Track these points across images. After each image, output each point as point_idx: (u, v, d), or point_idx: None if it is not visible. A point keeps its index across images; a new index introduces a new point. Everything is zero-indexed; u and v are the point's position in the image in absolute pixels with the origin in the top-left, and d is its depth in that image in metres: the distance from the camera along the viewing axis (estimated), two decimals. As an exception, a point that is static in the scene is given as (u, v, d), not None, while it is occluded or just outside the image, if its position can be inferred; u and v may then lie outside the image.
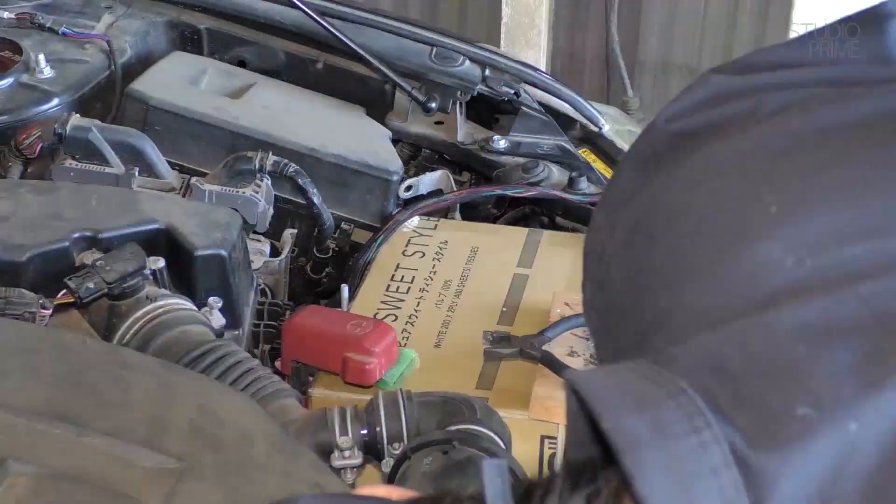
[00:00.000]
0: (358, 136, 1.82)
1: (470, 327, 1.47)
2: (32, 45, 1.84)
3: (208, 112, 1.78)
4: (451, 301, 1.53)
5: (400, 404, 1.19)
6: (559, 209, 1.75)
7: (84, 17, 1.97)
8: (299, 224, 1.73)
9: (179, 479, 0.93)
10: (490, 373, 1.39)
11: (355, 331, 1.35)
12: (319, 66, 1.97)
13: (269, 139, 1.74)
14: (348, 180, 1.75)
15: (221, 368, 1.20)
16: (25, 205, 1.38)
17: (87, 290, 1.26)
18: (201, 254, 1.38)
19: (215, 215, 1.44)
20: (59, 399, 0.97)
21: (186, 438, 0.98)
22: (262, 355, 1.46)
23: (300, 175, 1.63)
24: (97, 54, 1.87)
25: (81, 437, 0.94)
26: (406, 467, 1.12)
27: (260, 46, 1.99)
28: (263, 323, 1.50)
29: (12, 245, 1.30)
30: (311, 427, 1.18)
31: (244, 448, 1.00)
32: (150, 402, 1.01)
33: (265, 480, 0.98)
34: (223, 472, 0.96)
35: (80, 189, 1.45)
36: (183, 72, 1.90)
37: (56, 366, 1.01)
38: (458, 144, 1.87)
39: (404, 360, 1.39)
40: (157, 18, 2.01)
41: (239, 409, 1.06)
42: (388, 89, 1.93)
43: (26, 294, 1.25)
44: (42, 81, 1.77)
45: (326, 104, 1.92)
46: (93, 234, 1.34)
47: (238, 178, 1.60)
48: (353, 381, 1.34)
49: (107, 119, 1.76)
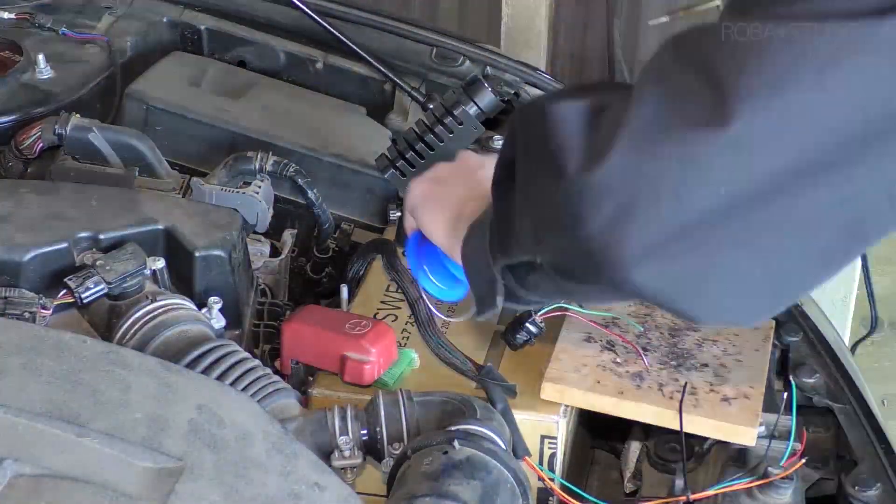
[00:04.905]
0: (358, 136, 1.82)
1: (470, 327, 1.48)
2: (32, 45, 1.84)
3: (208, 112, 1.78)
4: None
5: (400, 404, 1.19)
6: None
7: (84, 17, 1.97)
8: (299, 224, 1.73)
9: (179, 479, 0.93)
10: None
11: (354, 330, 1.35)
12: (319, 66, 1.97)
13: (269, 139, 1.75)
14: (348, 180, 1.75)
15: (221, 368, 1.20)
16: (25, 205, 1.38)
17: (87, 290, 1.26)
18: (201, 254, 1.38)
19: (215, 215, 1.44)
20: (59, 399, 0.97)
21: (186, 438, 0.98)
22: (262, 355, 1.46)
23: (300, 175, 1.63)
24: (97, 54, 1.87)
25: (81, 437, 0.94)
26: (406, 467, 1.12)
27: (260, 46, 1.99)
28: (263, 323, 1.50)
29: (12, 245, 1.30)
30: (310, 427, 1.18)
31: (244, 448, 1.00)
32: (150, 402, 1.01)
33: (265, 480, 0.98)
34: (223, 472, 0.96)
35: (80, 189, 1.45)
36: (183, 72, 1.90)
37: (55, 366, 1.01)
38: (458, 144, 1.87)
39: (404, 360, 1.39)
40: (157, 18, 2.01)
41: (239, 409, 1.06)
42: (388, 89, 1.93)
43: (26, 294, 1.25)
44: (42, 81, 1.77)
45: (326, 104, 1.92)
46: (93, 234, 1.34)
47: (238, 178, 1.60)
48: (351, 381, 1.34)
49: (107, 119, 1.76)
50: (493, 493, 1.08)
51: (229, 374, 1.20)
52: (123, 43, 1.92)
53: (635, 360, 1.38)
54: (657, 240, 0.83)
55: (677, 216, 0.83)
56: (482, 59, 1.95)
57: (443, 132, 1.63)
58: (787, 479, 1.25)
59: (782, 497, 1.25)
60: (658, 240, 0.83)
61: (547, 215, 0.92)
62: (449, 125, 1.63)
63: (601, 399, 1.33)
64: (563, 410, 1.33)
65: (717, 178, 0.81)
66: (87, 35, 1.90)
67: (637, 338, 1.41)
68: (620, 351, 1.39)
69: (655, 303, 0.89)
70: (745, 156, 0.80)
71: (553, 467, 1.33)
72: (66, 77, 1.79)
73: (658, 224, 0.83)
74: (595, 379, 1.34)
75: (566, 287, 1.01)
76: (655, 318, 1.45)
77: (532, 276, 1.03)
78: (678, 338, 1.42)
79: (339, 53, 1.96)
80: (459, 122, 1.62)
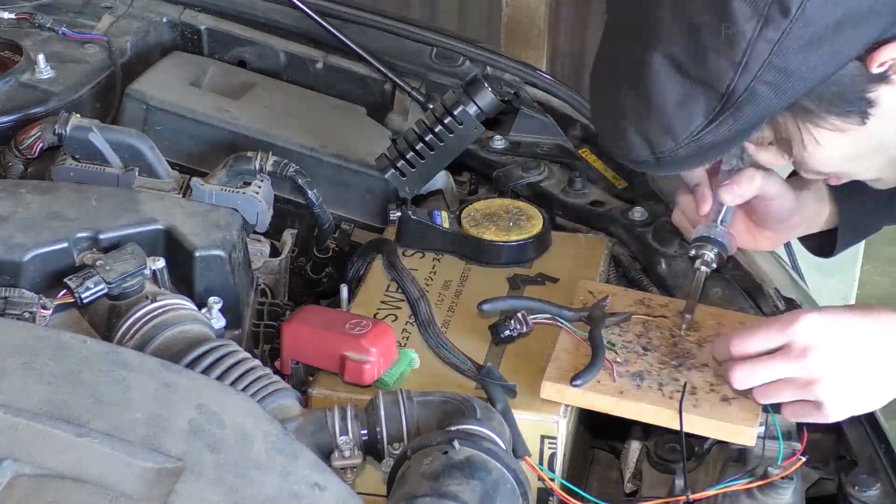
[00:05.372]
0: (358, 136, 1.82)
1: (470, 327, 1.48)
2: (32, 45, 1.84)
3: (208, 112, 1.78)
4: (452, 301, 1.53)
5: (400, 404, 1.19)
6: (559, 209, 1.75)
7: (84, 17, 1.97)
8: (299, 224, 1.73)
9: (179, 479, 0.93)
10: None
11: (354, 330, 1.35)
12: (319, 66, 1.97)
13: (269, 139, 1.75)
14: (348, 180, 1.75)
15: (221, 368, 1.20)
16: (25, 205, 1.38)
17: (87, 290, 1.26)
18: (201, 254, 1.38)
19: (215, 215, 1.44)
20: (59, 399, 0.97)
21: (186, 438, 0.98)
22: (262, 355, 1.46)
23: (300, 175, 1.63)
24: (97, 54, 1.87)
25: (81, 437, 0.94)
26: (406, 467, 1.12)
27: (260, 46, 1.99)
28: (263, 323, 1.50)
29: (12, 245, 1.30)
30: (310, 427, 1.18)
31: (244, 448, 1.00)
32: (150, 401, 1.01)
33: (264, 480, 0.98)
34: (223, 472, 0.96)
35: (80, 189, 1.45)
36: (183, 72, 1.90)
37: (56, 366, 1.01)
38: (458, 144, 1.87)
39: (404, 359, 1.39)
40: (157, 18, 2.01)
41: (239, 409, 1.06)
42: (388, 89, 1.93)
43: (26, 294, 1.25)
44: (42, 81, 1.77)
45: (326, 104, 1.92)
46: (93, 234, 1.34)
47: (238, 178, 1.60)
48: (351, 381, 1.34)
49: (107, 119, 1.76)
50: (493, 493, 1.08)
51: (229, 374, 1.20)
52: (123, 43, 1.92)
53: (635, 360, 1.38)
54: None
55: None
56: (482, 59, 1.95)
57: (443, 132, 1.63)
58: (787, 479, 1.25)
59: (782, 497, 1.25)
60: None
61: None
62: (449, 125, 1.63)
63: (601, 399, 1.33)
64: (563, 410, 1.33)
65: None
66: (87, 35, 1.90)
67: (638, 337, 1.41)
68: (621, 350, 1.39)
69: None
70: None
71: (553, 467, 1.33)
72: (65, 77, 1.79)
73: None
74: (595, 378, 1.34)
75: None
76: (658, 319, 1.45)
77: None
78: (678, 338, 1.42)
79: (339, 53, 1.96)
80: (459, 122, 1.62)
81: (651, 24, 1.20)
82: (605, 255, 1.63)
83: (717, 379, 1.35)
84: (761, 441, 1.31)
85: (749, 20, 1.12)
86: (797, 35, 1.13)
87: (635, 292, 1.52)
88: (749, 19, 1.12)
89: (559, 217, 1.75)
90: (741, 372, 1.29)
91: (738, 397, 1.32)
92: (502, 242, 1.60)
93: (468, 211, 1.65)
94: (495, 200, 1.70)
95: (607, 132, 1.32)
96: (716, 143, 1.21)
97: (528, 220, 1.64)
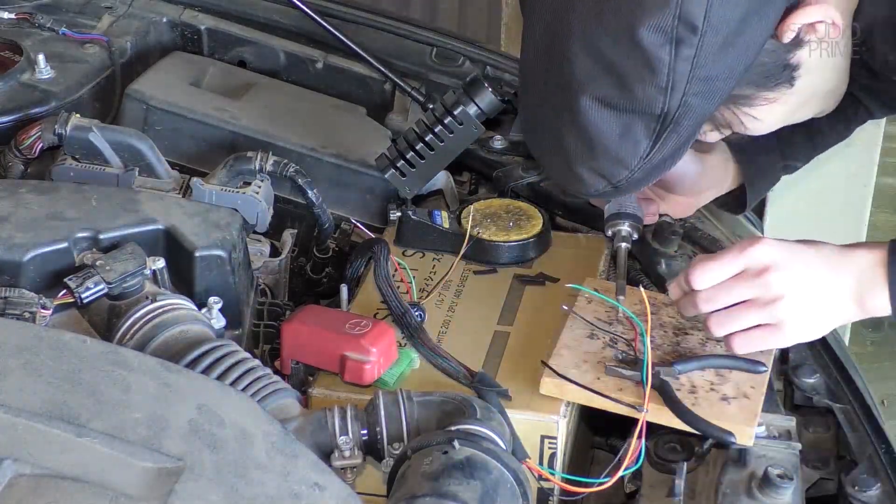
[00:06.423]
0: (358, 136, 1.82)
1: (470, 327, 1.48)
2: (32, 45, 1.84)
3: (208, 112, 1.78)
4: (452, 301, 1.53)
5: (400, 404, 1.19)
6: (559, 209, 1.75)
7: (84, 17, 1.97)
8: (299, 224, 1.73)
9: (179, 479, 0.93)
10: (490, 373, 1.38)
11: (354, 330, 1.35)
12: (319, 66, 1.97)
13: (269, 139, 1.75)
14: (348, 180, 1.75)
15: (221, 368, 1.20)
16: (25, 205, 1.38)
17: (87, 290, 1.26)
18: (201, 254, 1.38)
19: (215, 215, 1.44)
20: (59, 399, 0.97)
21: (186, 438, 0.98)
22: (262, 355, 1.46)
23: (300, 175, 1.63)
24: (97, 54, 1.87)
25: (81, 437, 0.94)
26: (406, 467, 1.12)
27: (260, 46, 1.99)
28: (263, 323, 1.50)
29: (12, 245, 1.30)
30: (310, 427, 1.18)
31: (244, 448, 1.00)
32: (150, 402, 1.01)
33: (264, 480, 0.98)
34: (223, 472, 0.96)
35: (80, 189, 1.45)
36: (183, 72, 1.90)
37: (55, 366, 1.01)
38: (458, 144, 1.87)
39: (404, 360, 1.39)
40: (157, 18, 2.01)
41: (239, 409, 1.06)
42: (388, 89, 1.93)
43: (26, 294, 1.25)
44: (42, 81, 1.77)
45: (326, 104, 1.92)
46: (93, 234, 1.34)
47: (238, 178, 1.60)
48: (351, 381, 1.34)
49: (107, 119, 1.76)
50: (493, 493, 1.08)
51: (229, 374, 1.20)
52: (123, 43, 1.92)
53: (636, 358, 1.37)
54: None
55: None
56: (482, 59, 1.95)
57: (443, 132, 1.63)
58: (787, 479, 1.25)
59: (782, 497, 1.25)
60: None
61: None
62: (449, 125, 1.63)
63: (600, 396, 1.33)
64: (563, 410, 1.33)
65: None
66: (86, 35, 1.90)
67: (640, 336, 1.41)
68: (624, 348, 1.39)
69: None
70: None
71: (553, 467, 1.33)
72: (65, 77, 1.79)
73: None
74: (595, 375, 1.34)
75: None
76: (661, 317, 1.45)
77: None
78: (681, 337, 1.42)
79: (339, 53, 1.96)
80: (459, 122, 1.62)
81: (567, 71, 1.22)
82: (605, 255, 1.63)
83: (717, 378, 1.35)
84: (761, 441, 1.31)
85: (662, 46, 1.15)
86: (710, 44, 1.16)
87: (638, 290, 1.52)
88: (662, 45, 1.15)
89: (559, 217, 1.75)
90: (716, 318, 1.35)
91: (738, 397, 1.32)
92: (502, 242, 1.61)
93: (468, 211, 1.65)
94: (495, 200, 1.70)
95: (559, 173, 1.36)
96: (665, 158, 1.25)
97: (529, 220, 1.64)
